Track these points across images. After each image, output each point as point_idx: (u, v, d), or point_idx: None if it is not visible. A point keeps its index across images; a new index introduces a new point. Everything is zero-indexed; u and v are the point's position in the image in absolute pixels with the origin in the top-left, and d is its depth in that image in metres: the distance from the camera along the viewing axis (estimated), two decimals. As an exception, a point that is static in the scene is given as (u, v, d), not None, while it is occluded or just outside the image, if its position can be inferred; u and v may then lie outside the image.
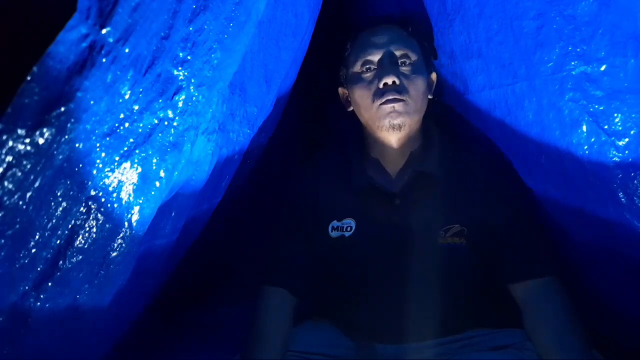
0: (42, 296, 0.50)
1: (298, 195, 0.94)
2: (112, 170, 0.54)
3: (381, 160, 0.91)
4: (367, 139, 0.94)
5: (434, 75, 0.95)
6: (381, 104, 0.84)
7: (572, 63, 0.71)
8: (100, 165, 0.52)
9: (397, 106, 0.84)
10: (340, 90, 0.97)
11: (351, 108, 0.95)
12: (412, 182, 0.86)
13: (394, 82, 0.84)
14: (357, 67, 0.89)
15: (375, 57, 0.87)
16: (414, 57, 0.88)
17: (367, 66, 0.88)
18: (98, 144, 0.51)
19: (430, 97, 0.92)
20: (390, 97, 0.83)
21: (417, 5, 1.09)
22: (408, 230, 0.84)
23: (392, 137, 0.88)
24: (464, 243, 0.83)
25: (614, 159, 0.68)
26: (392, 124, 0.84)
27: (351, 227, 0.87)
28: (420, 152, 0.90)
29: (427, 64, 0.92)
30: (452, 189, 0.86)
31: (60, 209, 0.49)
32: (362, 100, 0.88)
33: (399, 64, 0.87)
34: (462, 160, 0.90)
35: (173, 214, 0.74)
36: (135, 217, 0.59)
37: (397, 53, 0.87)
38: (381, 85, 0.84)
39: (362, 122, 0.92)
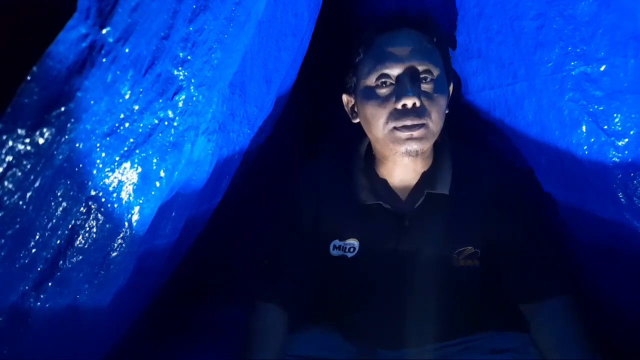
0: (42, 296, 0.50)
1: (297, 209, 0.88)
2: (112, 170, 0.54)
3: (389, 180, 0.84)
4: (374, 156, 0.86)
5: (451, 87, 0.85)
6: (396, 128, 0.75)
7: (572, 63, 0.71)
8: (101, 165, 0.52)
9: (416, 133, 0.74)
10: (345, 98, 0.87)
11: (357, 120, 0.85)
12: (423, 204, 0.80)
13: (414, 104, 0.73)
14: (371, 80, 0.77)
15: (394, 72, 0.76)
16: (436, 72, 0.77)
17: (383, 80, 0.76)
18: (98, 144, 0.50)
19: (446, 111, 0.82)
20: (409, 122, 0.73)
21: (419, 4, 1.09)
22: (417, 253, 0.80)
23: (406, 161, 0.81)
24: (477, 265, 0.81)
25: (614, 159, 0.68)
26: (408, 151, 0.76)
27: (354, 248, 0.82)
28: (432, 172, 0.83)
29: (448, 76, 0.82)
30: (464, 209, 0.81)
31: (61, 209, 0.49)
32: (374, 119, 0.77)
33: (420, 80, 0.76)
34: (474, 177, 0.83)
35: (173, 214, 0.74)
36: (135, 217, 0.59)
37: (420, 68, 0.75)
38: (399, 106, 0.74)
39: (371, 139, 0.84)
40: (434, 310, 0.80)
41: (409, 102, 0.73)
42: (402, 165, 0.82)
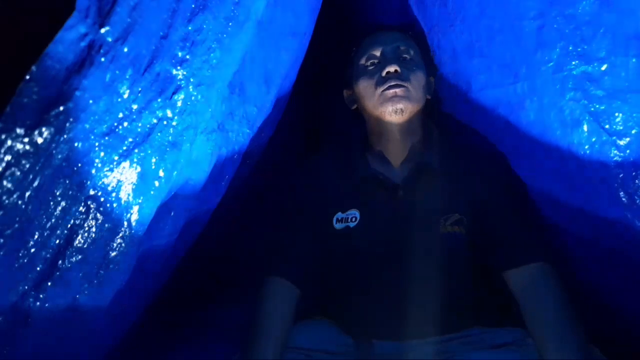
0: (41, 296, 0.50)
1: (301, 188, 0.96)
2: (111, 170, 0.54)
3: (384, 152, 0.94)
4: (370, 133, 0.97)
5: (431, 79, 1.00)
6: (383, 90, 0.88)
7: (573, 63, 0.71)
8: (99, 165, 0.52)
9: (399, 91, 0.88)
10: (345, 92, 1.02)
11: (355, 106, 0.99)
12: (414, 173, 0.89)
13: (395, 70, 0.89)
14: (362, 62, 0.95)
15: (379, 52, 0.93)
16: (413, 53, 0.95)
17: (372, 60, 0.93)
18: (97, 144, 0.50)
19: (428, 97, 0.96)
20: (392, 83, 0.88)
21: (414, 8, 1.09)
22: (411, 220, 0.86)
23: (395, 122, 0.91)
24: (463, 232, 0.85)
25: (615, 158, 0.68)
26: (394, 109, 0.88)
27: (356, 218, 0.89)
28: (421, 145, 0.94)
29: (426, 66, 0.97)
30: (450, 180, 0.89)
31: (60, 208, 0.49)
32: (365, 90, 0.92)
33: (401, 58, 0.92)
34: (459, 154, 0.93)
35: (172, 214, 0.74)
36: (134, 217, 0.59)
37: (400, 48, 0.93)
38: (384, 74, 0.89)
39: (366, 113, 0.96)
40: (430, 288, 0.82)
41: (392, 68, 0.89)
42: (394, 137, 0.93)
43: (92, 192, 0.52)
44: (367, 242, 0.87)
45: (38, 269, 0.49)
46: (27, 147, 0.43)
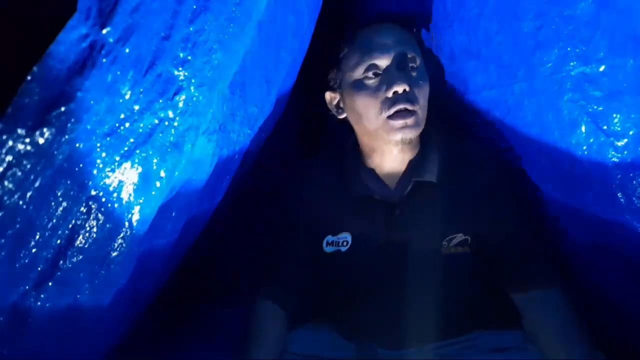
0: (42, 296, 0.50)
1: (291, 208, 0.90)
2: (113, 170, 0.54)
3: (378, 170, 0.85)
4: (362, 146, 0.88)
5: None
6: (390, 117, 0.77)
7: (571, 64, 0.71)
8: (101, 165, 0.52)
9: (410, 121, 0.77)
10: (329, 95, 0.88)
11: (343, 115, 0.87)
12: (412, 191, 0.82)
13: (404, 90, 0.76)
14: (358, 72, 0.79)
15: (382, 62, 0.78)
16: (419, 61, 0.81)
17: (373, 71, 0.78)
18: (98, 144, 0.51)
19: None
20: (402, 106, 0.76)
21: (417, 5, 1.09)
22: (409, 242, 0.80)
23: (396, 149, 0.83)
24: (468, 251, 0.81)
25: (613, 159, 0.68)
26: (403, 139, 0.78)
27: (347, 242, 0.83)
28: (419, 160, 0.84)
29: (427, 69, 0.87)
30: (453, 197, 0.81)
31: (61, 208, 0.49)
32: (366, 110, 0.79)
33: (408, 69, 0.79)
34: (463, 165, 0.84)
35: (173, 214, 0.74)
36: (135, 217, 0.60)
37: (407, 56, 0.79)
38: (390, 94, 0.76)
39: (360, 131, 0.86)
40: (430, 304, 0.80)
41: (400, 88, 0.76)
42: (391, 155, 0.84)
43: (93, 193, 0.52)
44: (359, 267, 0.82)
45: (39, 269, 0.49)
46: (29, 147, 0.43)
